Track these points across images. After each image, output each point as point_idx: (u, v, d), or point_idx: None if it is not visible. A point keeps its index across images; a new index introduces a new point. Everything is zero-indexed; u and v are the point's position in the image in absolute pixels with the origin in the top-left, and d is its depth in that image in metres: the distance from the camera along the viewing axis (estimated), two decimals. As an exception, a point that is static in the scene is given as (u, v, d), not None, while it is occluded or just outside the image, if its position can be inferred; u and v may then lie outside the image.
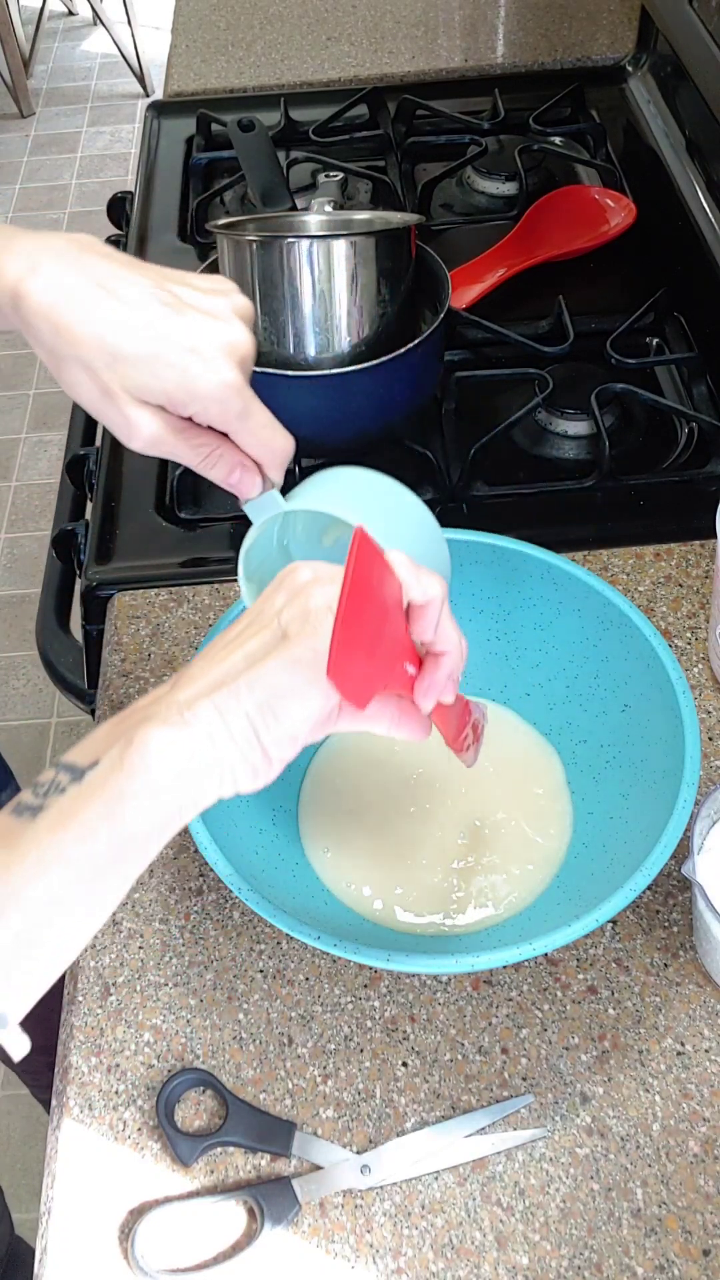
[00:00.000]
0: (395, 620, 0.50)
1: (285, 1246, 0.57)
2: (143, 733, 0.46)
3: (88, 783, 0.46)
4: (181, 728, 0.46)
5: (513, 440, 0.96)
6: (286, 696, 0.47)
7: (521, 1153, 0.60)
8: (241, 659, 0.48)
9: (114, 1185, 0.60)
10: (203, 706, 0.47)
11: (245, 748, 0.47)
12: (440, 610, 0.51)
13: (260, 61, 1.41)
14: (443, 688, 0.53)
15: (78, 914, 0.46)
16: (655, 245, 1.11)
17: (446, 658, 0.52)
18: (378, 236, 0.81)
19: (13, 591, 2.15)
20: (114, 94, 3.46)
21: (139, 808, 0.45)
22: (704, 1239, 0.57)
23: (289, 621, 0.49)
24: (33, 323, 0.53)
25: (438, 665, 0.52)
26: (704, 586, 0.83)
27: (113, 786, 0.45)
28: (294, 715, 0.48)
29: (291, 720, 0.48)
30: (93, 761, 0.46)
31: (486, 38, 1.43)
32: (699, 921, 0.63)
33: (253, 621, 0.50)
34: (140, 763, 0.45)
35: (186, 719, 0.47)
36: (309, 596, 0.49)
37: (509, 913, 0.67)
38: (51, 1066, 0.65)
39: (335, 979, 0.66)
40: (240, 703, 0.47)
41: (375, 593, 0.47)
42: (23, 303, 0.53)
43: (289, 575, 0.51)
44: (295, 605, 0.49)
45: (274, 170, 1.03)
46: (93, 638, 0.87)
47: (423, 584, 0.50)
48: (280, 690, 0.47)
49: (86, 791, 0.45)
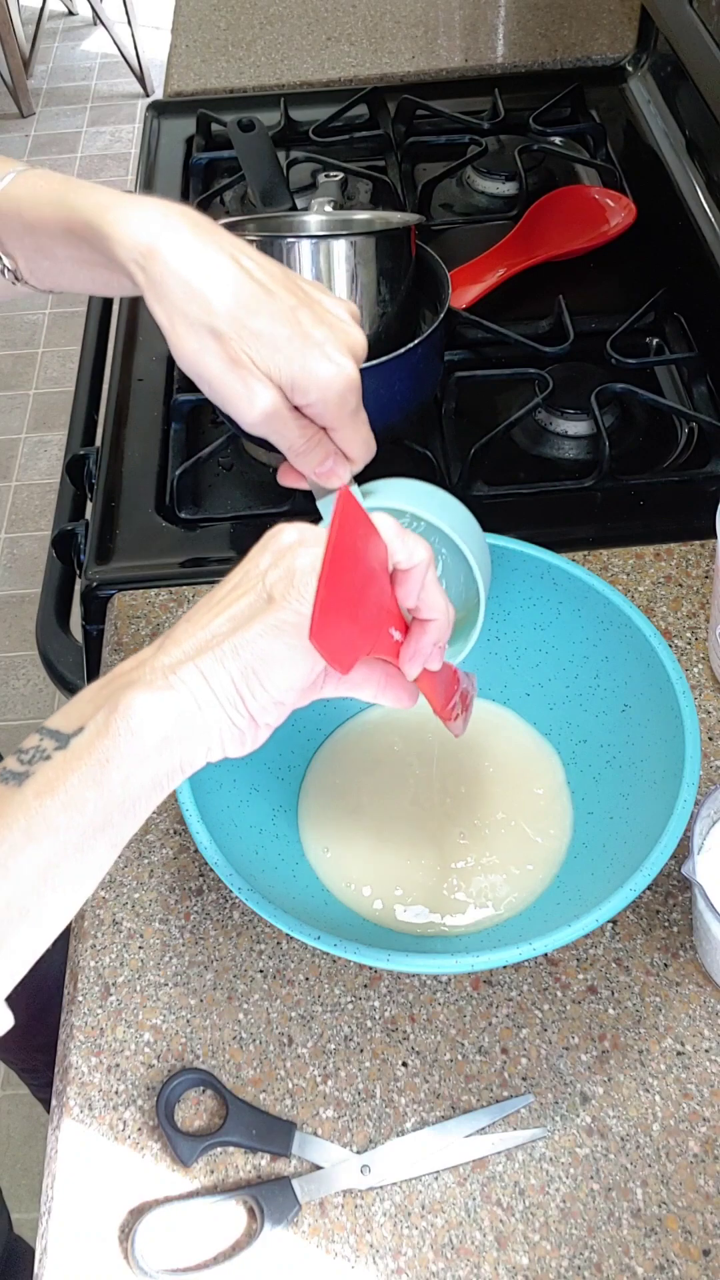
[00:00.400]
0: (380, 584, 0.50)
1: (285, 1246, 0.57)
2: (127, 697, 0.45)
3: (73, 748, 0.45)
4: (166, 691, 0.46)
5: (513, 440, 0.96)
6: (270, 662, 0.47)
7: (521, 1153, 0.60)
8: (226, 622, 0.48)
9: (114, 1185, 0.60)
10: (187, 670, 0.46)
11: (232, 713, 0.47)
12: (425, 575, 0.51)
13: (260, 61, 1.41)
14: (428, 654, 0.52)
15: (66, 882, 0.45)
16: (655, 245, 1.11)
17: (433, 624, 0.52)
18: (378, 236, 0.81)
19: (13, 591, 2.15)
20: (114, 94, 3.46)
21: (126, 773, 0.45)
22: (704, 1239, 0.57)
23: (274, 584, 0.48)
24: (165, 282, 0.53)
25: (423, 631, 0.52)
26: (704, 586, 0.83)
27: (99, 752, 0.45)
28: (279, 681, 0.47)
29: (276, 686, 0.47)
30: (78, 727, 0.46)
31: (486, 38, 1.43)
32: (699, 921, 0.63)
33: (239, 583, 0.49)
34: (125, 727, 0.45)
35: (171, 683, 0.46)
36: (294, 556, 0.48)
37: (509, 913, 0.67)
38: (51, 1066, 0.65)
39: (335, 979, 0.66)
40: (225, 667, 0.46)
41: (359, 556, 0.47)
42: (154, 261, 0.53)
43: (274, 536, 0.50)
44: (280, 566, 0.48)
45: (274, 170, 1.03)
46: (93, 638, 0.87)
47: (409, 547, 0.50)
48: (264, 655, 0.47)
49: (72, 757, 0.45)
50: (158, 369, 1.04)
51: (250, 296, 0.54)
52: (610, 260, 1.11)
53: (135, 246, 0.53)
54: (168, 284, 0.53)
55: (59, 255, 0.59)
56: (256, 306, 0.54)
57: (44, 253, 0.59)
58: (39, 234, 0.58)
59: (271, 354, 0.54)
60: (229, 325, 0.53)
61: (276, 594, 0.47)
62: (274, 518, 0.90)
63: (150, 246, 0.53)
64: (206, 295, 0.53)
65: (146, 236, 0.53)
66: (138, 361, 1.05)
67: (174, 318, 0.54)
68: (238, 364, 0.54)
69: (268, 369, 0.55)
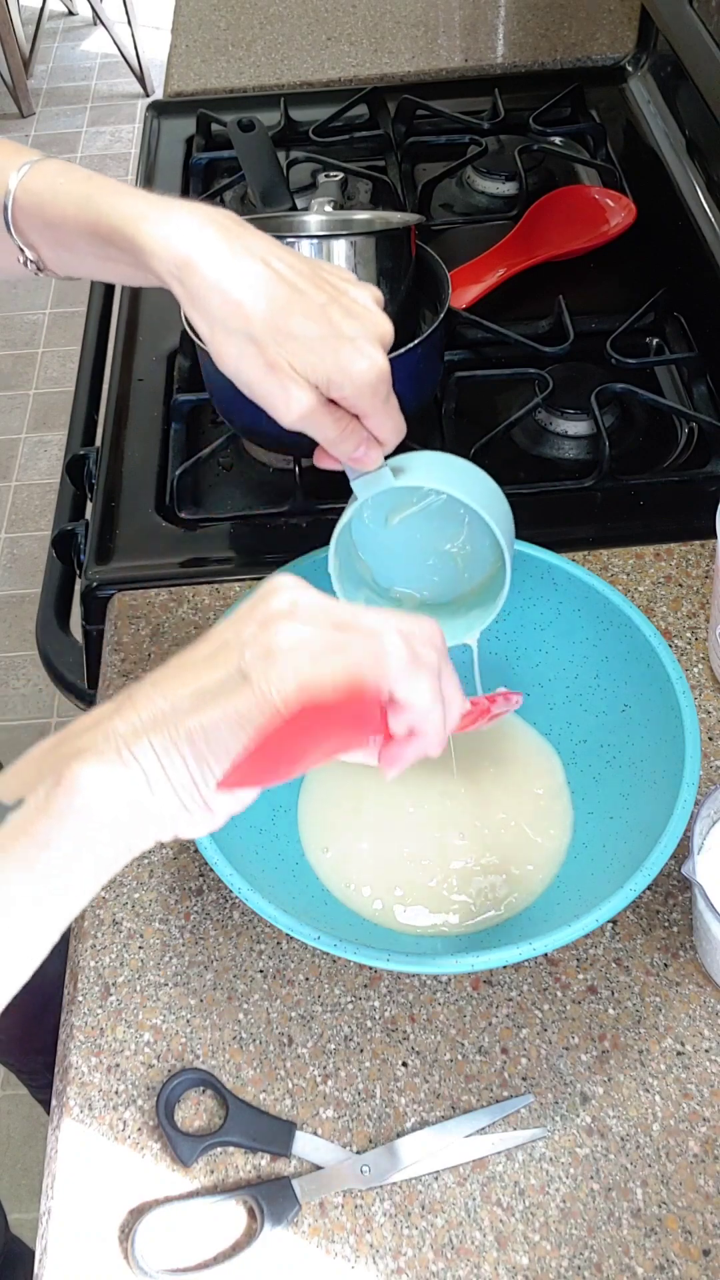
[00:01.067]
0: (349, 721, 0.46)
1: (285, 1246, 0.57)
2: (73, 769, 0.42)
3: (9, 826, 0.42)
4: (117, 765, 0.42)
5: (513, 440, 0.96)
6: (227, 755, 0.43)
7: (521, 1153, 0.60)
8: (190, 697, 0.44)
9: (114, 1185, 0.60)
10: (141, 747, 0.43)
11: (185, 797, 0.44)
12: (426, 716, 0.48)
13: (260, 61, 1.41)
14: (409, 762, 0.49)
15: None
16: (655, 245, 1.11)
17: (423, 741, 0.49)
18: (378, 236, 0.81)
19: (13, 591, 2.15)
20: (114, 94, 3.46)
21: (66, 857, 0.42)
22: (704, 1239, 0.57)
23: (250, 662, 0.44)
24: (203, 294, 0.55)
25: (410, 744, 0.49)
26: (704, 586, 0.83)
27: (38, 834, 0.41)
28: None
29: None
30: (18, 799, 0.42)
31: (486, 38, 1.43)
32: (699, 921, 0.63)
33: (217, 651, 0.46)
34: (68, 805, 0.42)
35: (124, 757, 0.43)
36: (276, 631, 0.45)
37: (509, 913, 0.67)
38: (50, 1066, 0.65)
39: (335, 979, 0.66)
40: (179, 750, 0.43)
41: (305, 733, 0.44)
42: (191, 274, 0.54)
43: (264, 599, 0.47)
44: (261, 641, 0.45)
45: (274, 170, 1.03)
46: (93, 638, 0.87)
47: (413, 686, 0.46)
48: (219, 746, 0.43)
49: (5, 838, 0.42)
50: (158, 369, 1.04)
51: (284, 300, 0.55)
52: (610, 260, 1.11)
53: (171, 259, 0.55)
54: (205, 296, 0.55)
55: (81, 249, 0.60)
56: (290, 309, 0.55)
57: (66, 246, 0.60)
58: (61, 230, 0.59)
59: (307, 354, 0.55)
60: (265, 331, 0.55)
61: (252, 674, 0.44)
62: (274, 518, 0.90)
63: (186, 259, 0.55)
64: (243, 304, 0.55)
65: (182, 249, 0.55)
66: (138, 361, 1.05)
67: (214, 328, 0.56)
68: (276, 368, 0.56)
69: (304, 370, 0.56)
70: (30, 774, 0.43)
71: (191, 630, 0.83)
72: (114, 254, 0.58)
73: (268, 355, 0.55)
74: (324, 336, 0.55)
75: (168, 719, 0.43)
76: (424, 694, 0.47)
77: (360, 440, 0.60)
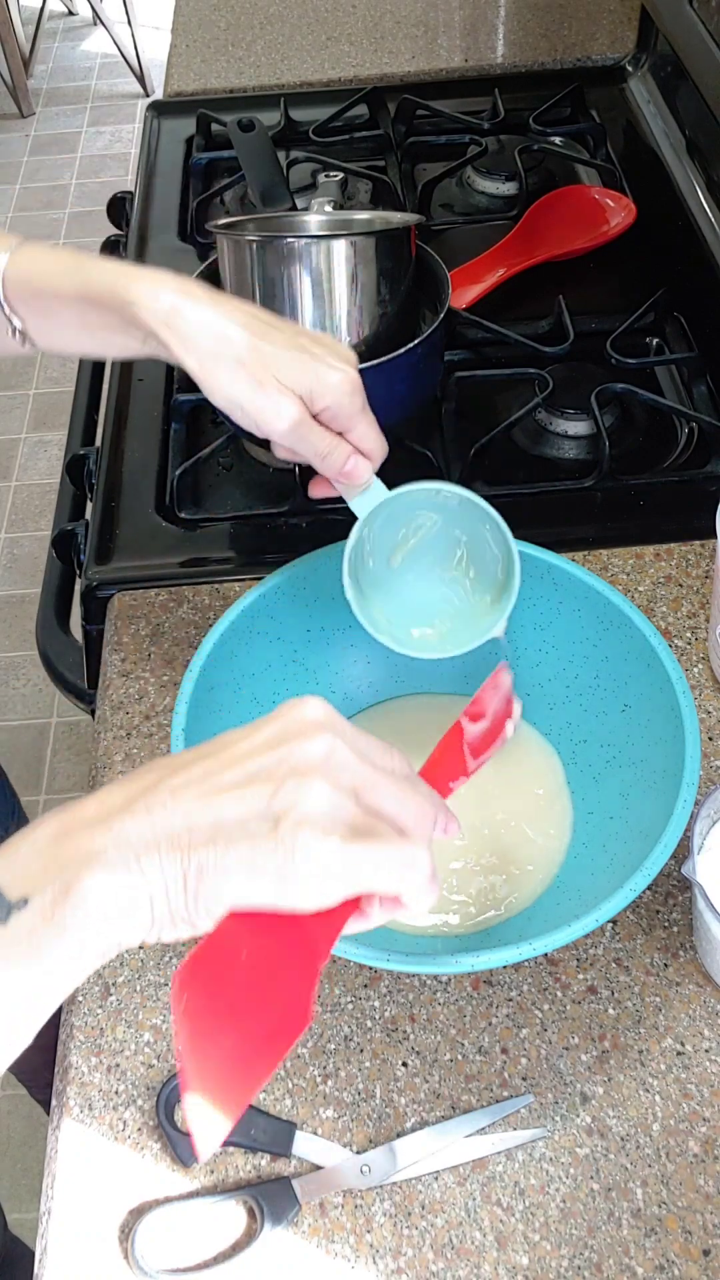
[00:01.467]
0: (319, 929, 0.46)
1: (285, 1246, 0.57)
2: (83, 882, 0.42)
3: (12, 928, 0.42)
4: (124, 876, 0.42)
5: (513, 440, 0.96)
6: (231, 897, 0.43)
7: (521, 1153, 0.60)
8: (210, 823, 0.44)
9: (114, 1185, 0.60)
10: (151, 863, 0.43)
11: (180, 920, 0.44)
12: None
13: (260, 61, 1.41)
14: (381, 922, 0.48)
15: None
16: (655, 245, 1.11)
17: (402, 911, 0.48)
18: (378, 236, 0.81)
19: (13, 591, 2.15)
20: (114, 94, 3.46)
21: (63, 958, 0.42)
22: (704, 1239, 0.57)
23: (282, 810, 0.44)
24: (192, 333, 0.61)
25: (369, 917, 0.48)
26: (704, 586, 0.83)
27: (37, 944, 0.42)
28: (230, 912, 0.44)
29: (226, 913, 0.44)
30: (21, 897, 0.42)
31: (486, 38, 1.43)
32: (699, 921, 0.63)
33: (252, 777, 0.45)
34: (74, 920, 0.42)
35: (132, 870, 0.43)
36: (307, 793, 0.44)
37: (509, 913, 0.67)
38: (50, 1066, 0.65)
39: (335, 979, 0.66)
40: (187, 881, 0.43)
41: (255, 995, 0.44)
42: (179, 318, 0.61)
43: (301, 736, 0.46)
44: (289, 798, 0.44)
45: (274, 170, 1.03)
46: (93, 638, 0.87)
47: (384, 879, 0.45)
48: (229, 890, 0.43)
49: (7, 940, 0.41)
50: (158, 369, 1.04)
51: (261, 329, 0.63)
52: (610, 260, 1.11)
53: (160, 309, 0.61)
54: (195, 334, 0.61)
55: (62, 318, 0.65)
56: (268, 334, 0.62)
57: (51, 315, 0.66)
58: (49, 298, 0.65)
59: (288, 370, 0.62)
60: (249, 352, 0.62)
61: (282, 826, 0.43)
62: (273, 518, 0.90)
63: (174, 306, 0.61)
64: (228, 332, 0.62)
65: (169, 299, 0.62)
66: (138, 361, 1.05)
67: (203, 360, 0.62)
68: (263, 385, 0.62)
69: (289, 383, 0.62)
70: (35, 867, 0.43)
71: (191, 630, 0.83)
72: (95, 319, 0.64)
73: (255, 374, 0.62)
74: (299, 356, 0.62)
75: (183, 841, 0.43)
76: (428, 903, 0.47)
77: (348, 453, 0.65)
